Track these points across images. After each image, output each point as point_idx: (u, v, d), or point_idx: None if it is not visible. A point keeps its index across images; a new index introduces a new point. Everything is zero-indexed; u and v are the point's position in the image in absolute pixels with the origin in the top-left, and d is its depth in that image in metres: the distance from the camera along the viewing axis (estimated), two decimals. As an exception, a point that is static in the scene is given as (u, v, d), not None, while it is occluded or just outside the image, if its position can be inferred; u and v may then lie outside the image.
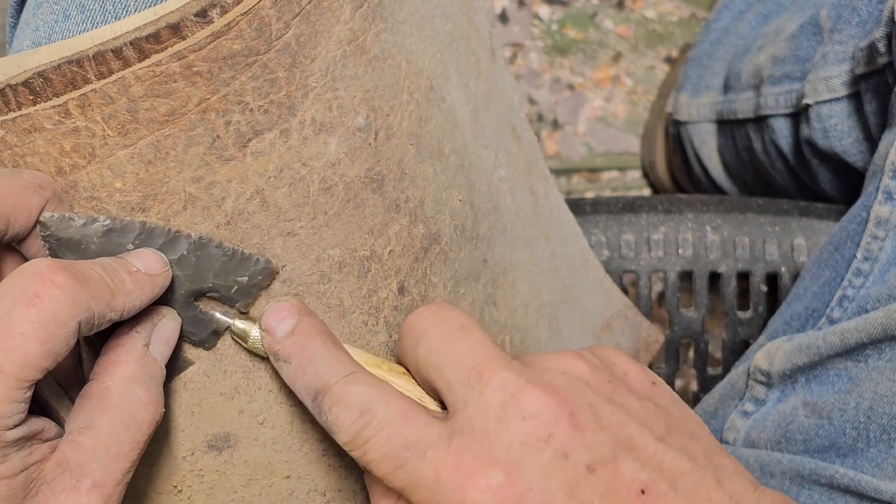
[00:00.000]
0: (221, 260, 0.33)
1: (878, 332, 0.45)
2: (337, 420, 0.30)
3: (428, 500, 0.30)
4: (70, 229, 0.31)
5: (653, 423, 0.32)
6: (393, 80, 0.35)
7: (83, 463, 0.29)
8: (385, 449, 0.30)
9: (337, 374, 0.31)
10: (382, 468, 0.30)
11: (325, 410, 0.31)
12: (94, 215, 0.31)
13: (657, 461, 0.31)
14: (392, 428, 0.30)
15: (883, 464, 0.45)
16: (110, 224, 0.31)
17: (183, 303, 0.33)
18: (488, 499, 0.29)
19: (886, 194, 0.49)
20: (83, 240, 0.31)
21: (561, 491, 0.29)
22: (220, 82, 0.31)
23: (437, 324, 0.33)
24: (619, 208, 0.63)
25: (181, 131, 0.31)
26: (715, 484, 0.32)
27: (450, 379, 0.31)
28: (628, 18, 0.98)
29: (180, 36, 0.30)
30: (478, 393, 0.31)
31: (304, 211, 0.34)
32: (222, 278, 0.33)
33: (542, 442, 0.30)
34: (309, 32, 0.32)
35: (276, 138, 0.32)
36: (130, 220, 0.32)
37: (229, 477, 0.36)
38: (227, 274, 0.33)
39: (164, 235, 0.32)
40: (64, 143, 0.31)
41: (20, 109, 0.30)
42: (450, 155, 0.38)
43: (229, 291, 0.33)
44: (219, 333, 0.34)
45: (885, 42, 0.52)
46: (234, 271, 0.33)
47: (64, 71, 0.30)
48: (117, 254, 0.32)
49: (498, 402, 0.30)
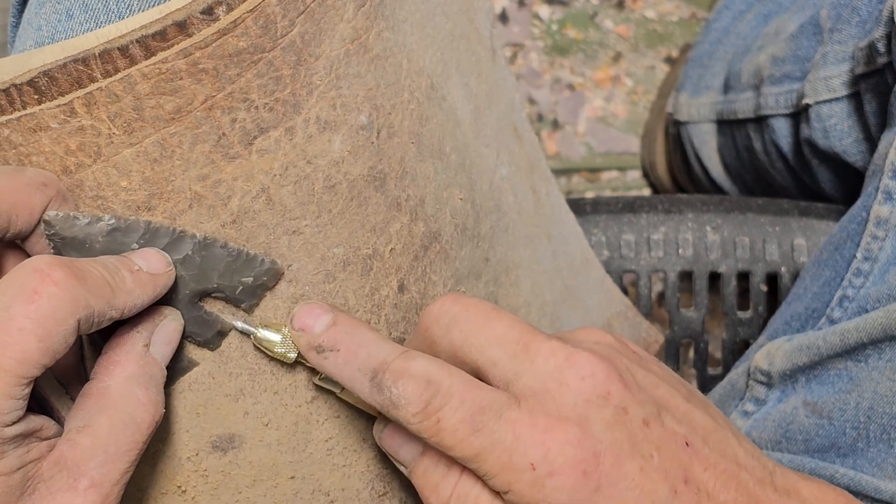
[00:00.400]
0: (226, 260, 0.33)
1: (878, 332, 0.45)
2: (405, 392, 0.30)
3: (505, 462, 0.30)
4: (74, 228, 0.31)
5: (677, 385, 0.35)
6: (394, 79, 0.35)
7: (81, 462, 0.29)
8: (460, 414, 0.30)
9: (392, 351, 0.32)
10: (458, 434, 0.30)
11: (387, 386, 0.31)
12: (98, 214, 0.31)
13: (689, 418, 0.33)
14: (462, 394, 0.31)
15: (883, 464, 0.45)
16: (115, 223, 0.31)
17: (188, 303, 0.33)
18: (569, 451, 0.30)
19: (886, 194, 0.49)
20: (87, 238, 0.31)
21: (626, 443, 0.31)
22: (226, 80, 0.31)
23: (466, 309, 0.33)
24: (619, 208, 0.64)
25: (187, 129, 0.31)
26: (736, 441, 0.34)
27: (494, 356, 0.32)
28: (628, 18, 0.98)
29: (186, 33, 0.30)
30: (529, 362, 0.32)
31: (309, 209, 0.34)
32: (227, 279, 0.33)
33: (602, 398, 0.31)
34: (313, 30, 0.32)
35: (281, 136, 0.32)
36: (135, 219, 0.32)
37: (234, 478, 0.36)
38: (231, 274, 0.33)
39: (168, 235, 0.32)
40: (69, 142, 0.31)
41: (25, 109, 0.30)
42: (450, 154, 0.38)
43: (234, 292, 0.33)
44: (223, 334, 0.34)
45: (884, 42, 0.52)
46: (239, 272, 0.33)
47: (70, 70, 0.30)
48: (124, 251, 0.32)
49: (553, 367, 0.31)
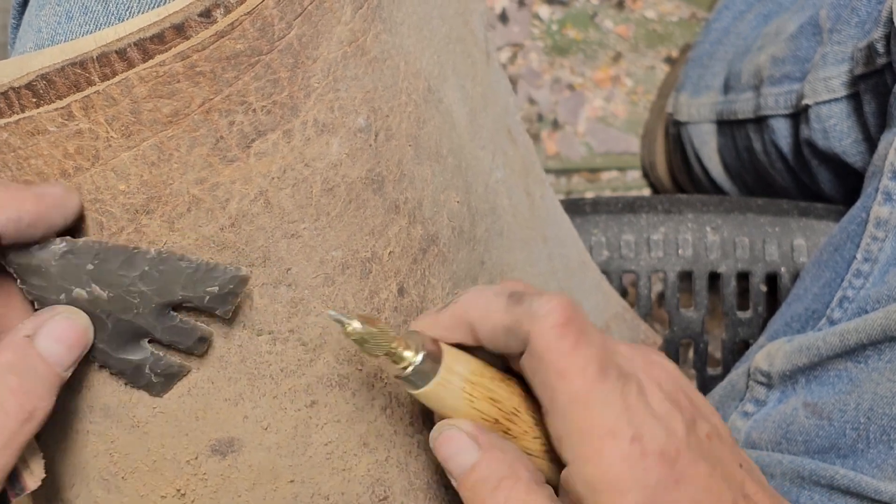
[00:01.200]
0: (186, 272, 0.32)
1: (877, 333, 0.45)
2: (550, 304, 0.32)
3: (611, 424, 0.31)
4: (27, 255, 0.31)
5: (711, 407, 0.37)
6: (392, 81, 0.35)
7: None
8: (595, 349, 0.32)
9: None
10: (590, 368, 0.31)
11: (528, 300, 0.32)
12: (50, 238, 0.31)
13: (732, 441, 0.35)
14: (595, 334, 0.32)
15: (883, 465, 0.45)
16: (66, 246, 0.31)
17: (157, 315, 0.33)
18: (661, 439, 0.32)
19: (886, 195, 0.49)
20: (42, 264, 0.31)
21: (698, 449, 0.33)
22: (224, 82, 0.31)
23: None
24: (619, 208, 0.64)
25: (184, 132, 0.31)
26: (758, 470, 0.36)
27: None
28: (628, 18, 0.98)
29: (184, 36, 0.30)
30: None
31: (308, 212, 0.34)
32: (191, 290, 0.33)
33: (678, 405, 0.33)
34: (311, 33, 0.32)
35: (279, 139, 0.32)
36: (86, 241, 0.32)
37: (233, 481, 0.36)
38: (195, 285, 0.33)
39: (123, 254, 0.32)
40: (67, 146, 0.31)
41: (23, 112, 0.30)
42: (447, 156, 0.38)
43: (202, 301, 0.33)
44: (205, 340, 0.34)
45: (883, 43, 0.52)
46: (202, 282, 0.33)
47: (67, 73, 0.30)
48: (79, 273, 0.31)
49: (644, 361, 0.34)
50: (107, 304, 0.32)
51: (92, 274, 0.32)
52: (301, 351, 0.35)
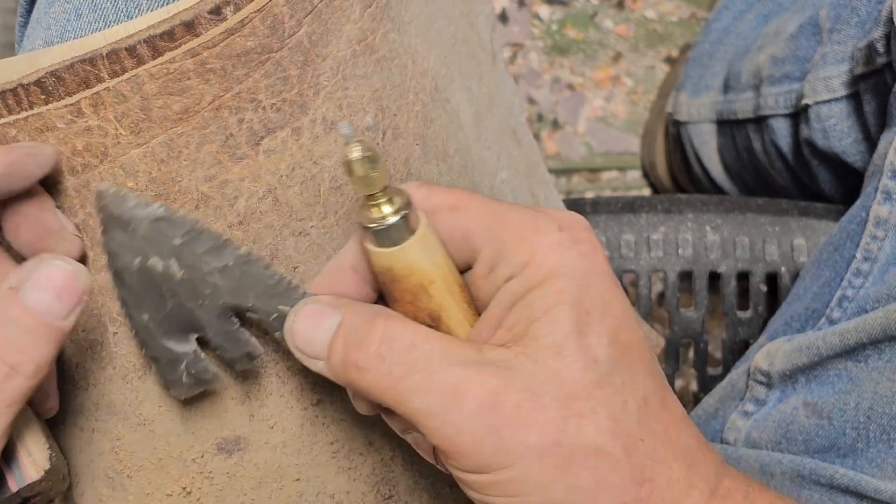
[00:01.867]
0: (266, 283, 0.32)
1: (877, 333, 0.45)
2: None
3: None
4: (122, 207, 0.31)
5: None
6: (400, 80, 0.35)
7: None
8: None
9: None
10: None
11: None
12: (150, 200, 0.31)
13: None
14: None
15: (883, 464, 0.45)
16: (163, 212, 0.31)
17: (219, 314, 0.32)
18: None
19: (885, 194, 0.49)
20: (132, 221, 0.31)
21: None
22: (234, 80, 0.31)
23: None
24: (619, 208, 0.64)
25: (194, 129, 0.31)
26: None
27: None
28: (628, 18, 0.98)
29: (194, 33, 0.30)
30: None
31: (316, 210, 0.34)
32: (264, 301, 0.32)
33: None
34: (321, 31, 0.32)
35: (288, 136, 0.32)
36: (183, 215, 0.31)
37: (239, 479, 0.36)
38: (269, 298, 0.32)
39: (213, 240, 0.31)
40: (76, 143, 0.31)
41: (32, 109, 0.30)
42: (454, 156, 0.38)
43: (268, 317, 0.32)
44: (252, 358, 0.33)
45: (883, 42, 0.53)
46: (278, 298, 0.32)
47: (77, 70, 0.30)
48: (165, 243, 0.31)
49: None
50: (177, 284, 0.31)
51: (176, 249, 0.31)
52: (308, 349, 0.35)
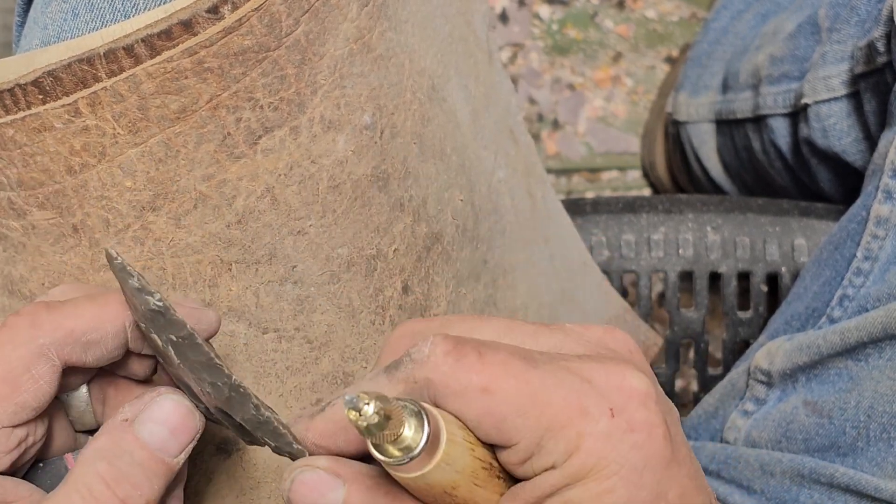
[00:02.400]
0: (253, 420, 0.28)
1: (878, 331, 0.45)
2: (431, 345, 0.26)
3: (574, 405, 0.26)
4: (125, 283, 0.27)
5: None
6: (397, 79, 0.35)
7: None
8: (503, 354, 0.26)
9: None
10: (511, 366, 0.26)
11: (407, 354, 0.27)
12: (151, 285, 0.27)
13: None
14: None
15: (883, 463, 0.45)
16: (160, 308, 0.27)
17: (216, 408, 0.29)
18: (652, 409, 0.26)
19: (886, 193, 0.49)
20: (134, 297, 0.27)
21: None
22: (231, 79, 0.31)
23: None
24: (619, 208, 0.64)
25: (192, 129, 0.31)
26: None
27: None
28: (628, 18, 0.98)
29: (192, 32, 0.30)
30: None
31: (314, 209, 0.34)
32: (249, 426, 0.28)
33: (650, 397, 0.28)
34: (318, 29, 0.32)
35: (286, 135, 0.33)
36: (180, 318, 0.27)
37: (238, 479, 0.36)
38: (254, 430, 0.28)
39: (205, 356, 0.27)
40: (74, 143, 0.31)
41: (29, 108, 0.30)
42: (451, 155, 0.38)
43: (258, 441, 0.29)
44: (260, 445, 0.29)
45: (884, 41, 0.53)
46: (263, 433, 0.28)
47: (74, 69, 0.30)
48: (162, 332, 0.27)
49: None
50: (177, 367, 0.28)
51: (173, 343, 0.27)
52: (307, 349, 0.35)
